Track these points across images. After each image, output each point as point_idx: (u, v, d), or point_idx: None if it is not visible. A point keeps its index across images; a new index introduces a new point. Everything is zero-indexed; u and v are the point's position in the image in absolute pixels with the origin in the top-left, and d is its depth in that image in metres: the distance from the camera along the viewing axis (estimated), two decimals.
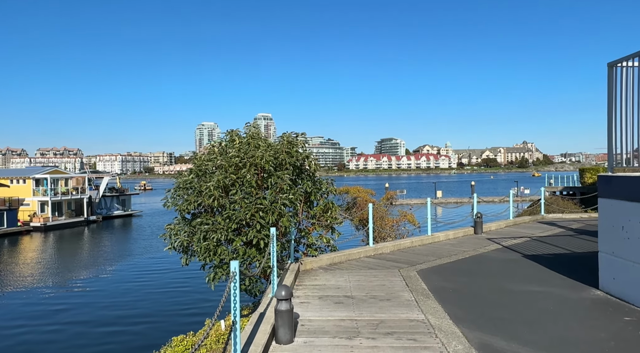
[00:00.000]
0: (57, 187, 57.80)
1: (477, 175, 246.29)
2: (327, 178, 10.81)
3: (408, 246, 12.39)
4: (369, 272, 9.47)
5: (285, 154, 9.11)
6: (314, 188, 10.16)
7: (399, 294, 7.75)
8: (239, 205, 8.05)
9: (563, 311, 6.63)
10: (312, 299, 7.55)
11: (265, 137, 9.67)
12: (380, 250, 11.61)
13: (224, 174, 8.46)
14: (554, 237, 13.61)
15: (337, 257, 10.56)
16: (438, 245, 12.75)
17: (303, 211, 10.60)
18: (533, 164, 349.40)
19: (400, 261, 10.59)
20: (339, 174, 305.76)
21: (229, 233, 8.16)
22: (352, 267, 10.09)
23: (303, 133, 9.92)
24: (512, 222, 16.78)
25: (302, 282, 8.68)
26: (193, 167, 9.28)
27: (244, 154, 8.63)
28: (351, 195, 17.24)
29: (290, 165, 9.15)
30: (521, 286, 8.11)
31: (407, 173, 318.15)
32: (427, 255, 11.21)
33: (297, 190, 8.65)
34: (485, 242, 12.97)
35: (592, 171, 46.54)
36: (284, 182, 8.44)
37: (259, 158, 8.49)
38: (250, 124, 9.59)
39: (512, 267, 9.76)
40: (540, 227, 15.94)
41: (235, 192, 8.23)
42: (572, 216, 18.85)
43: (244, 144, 9.09)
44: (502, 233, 14.80)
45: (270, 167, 8.58)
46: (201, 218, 8.62)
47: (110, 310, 19.82)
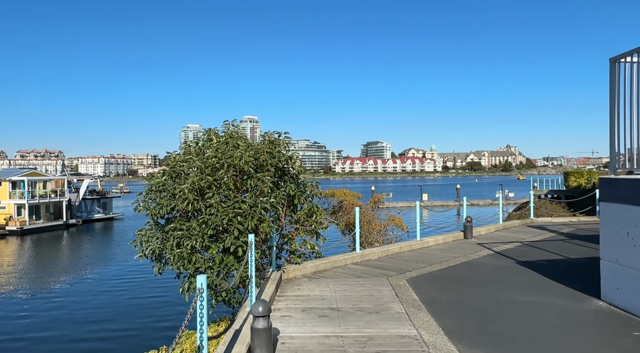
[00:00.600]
0: (35, 189, 56.03)
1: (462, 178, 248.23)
2: (311, 181, 10.20)
3: (396, 252, 11.84)
4: (356, 281, 8.88)
5: (267, 154, 8.48)
6: (298, 191, 9.55)
7: (388, 306, 7.16)
8: (216, 209, 7.40)
9: (566, 325, 6.12)
10: (295, 312, 6.92)
11: (245, 137, 9.02)
12: (367, 257, 11.03)
13: (200, 175, 7.80)
14: (546, 242, 13.21)
15: (322, 264, 9.95)
16: (428, 250, 12.22)
17: (286, 215, 9.97)
18: (516, 167, 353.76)
19: (389, 268, 10.02)
20: (325, 177, 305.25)
21: (205, 239, 7.50)
22: (338, 275, 9.50)
23: (286, 132, 9.30)
24: (501, 226, 16.38)
25: (284, 293, 8.04)
26: (166, 168, 8.60)
27: (221, 154, 7.97)
28: (337, 198, 16.63)
29: (272, 167, 8.53)
30: (519, 296, 7.59)
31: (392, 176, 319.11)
32: (416, 262, 10.67)
33: (279, 193, 8.02)
34: (476, 248, 12.49)
35: (576, 174, 46.77)
36: (264, 185, 7.81)
37: (237, 158, 7.84)
38: (229, 122, 8.95)
39: (507, 274, 9.27)
40: (531, 232, 15.56)
41: (211, 195, 7.57)
42: (561, 220, 18.55)
43: (222, 144, 8.44)
44: (493, 237, 14.36)
45: (249, 168, 7.94)
46: (175, 224, 7.93)
47: (80, 322, 18.79)
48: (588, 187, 41.64)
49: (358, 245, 11.02)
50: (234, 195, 7.61)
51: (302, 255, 10.26)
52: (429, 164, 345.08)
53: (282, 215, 9.82)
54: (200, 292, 3.81)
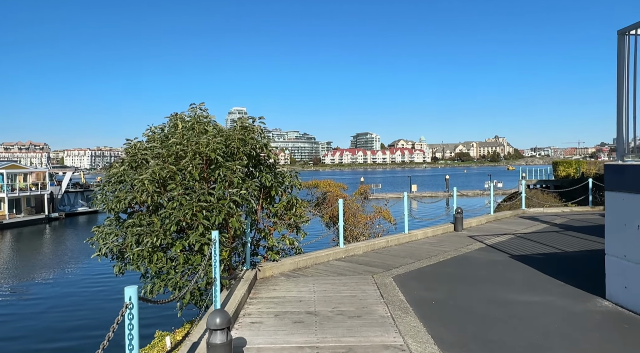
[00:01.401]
0: (15, 182, 54.40)
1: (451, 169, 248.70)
2: (291, 171, 9.40)
3: (383, 246, 11.11)
4: (338, 279, 8.13)
5: (239, 141, 7.65)
6: (275, 182, 8.74)
7: (372, 309, 6.42)
8: (178, 202, 6.58)
9: (570, 330, 5.43)
10: (267, 317, 6.15)
11: (215, 122, 8.16)
12: (351, 252, 10.29)
13: (162, 164, 6.95)
14: (540, 234, 12.59)
15: (302, 261, 9.19)
16: (416, 244, 11.52)
17: (262, 208, 9.17)
18: (504, 158, 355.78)
19: (375, 264, 9.29)
20: (314, 169, 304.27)
21: (167, 236, 6.69)
22: (319, 272, 8.74)
23: (261, 117, 8.46)
24: (493, 218, 15.75)
25: (258, 294, 7.26)
26: (126, 157, 7.72)
27: (186, 141, 7.13)
28: (321, 189, 15.81)
29: (244, 155, 7.70)
30: (515, 295, 6.90)
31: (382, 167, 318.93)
32: (404, 257, 9.96)
33: (252, 183, 7.21)
34: (467, 240, 11.82)
35: (565, 164, 46.59)
36: (234, 175, 6.99)
37: (203, 145, 7.00)
38: (197, 106, 8.06)
39: (501, 270, 8.59)
40: (523, 223, 14.95)
41: (174, 186, 6.74)
42: (553, 210, 18.00)
43: (187, 129, 7.59)
44: (484, 229, 13.72)
45: (218, 156, 7.11)
46: (134, 219, 7.09)
47: (44, 320, 17.81)
48: (577, 176, 41.45)
49: (342, 240, 10.27)
50: (199, 186, 6.78)
51: (282, 251, 9.49)
52: (418, 155, 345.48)
53: (259, 208, 9.02)
54: (128, 306, 3.00)
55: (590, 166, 45.16)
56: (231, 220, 6.69)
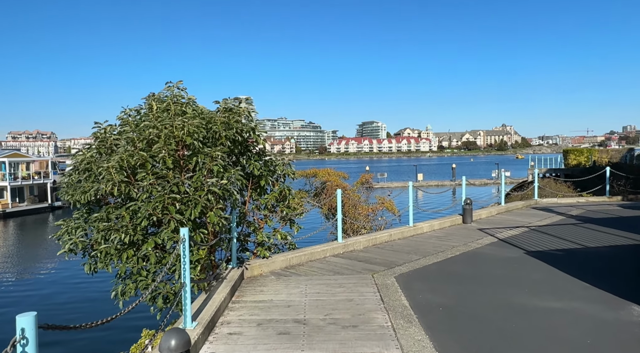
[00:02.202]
0: (18, 171, 54.05)
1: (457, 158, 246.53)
2: (283, 159, 8.53)
3: (386, 240, 10.26)
4: (334, 279, 7.29)
5: (222, 124, 6.77)
6: (265, 171, 7.88)
7: (370, 316, 5.58)
8: (149, 193, 5.75)
9: (605, 347, 4.56)
10: (248, 327, 5.33)
11: (195, 103, 7.26)
12: (351, 247, 9.44)
13: (131, 150, 6.12)
14: (556, 227, 11.67)
15: (295, 258, 8.35)
16: (422, 238, 10.65)
17: (252, 200, 8.33)
18: (512, 146, 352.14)
19: (376, 261, 8.45)
20: (320, 158, 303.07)
21: (137, 232, 5.88)
22: (314, 271, 7.91)
23: (248, 98, 7.56)
24: (504, 208, 14.83)
25: (242, 297, 6.45)
26: (94, 142, 6.87)
27: (160, 124, 6.27)
28: (319, 178, 14.89)
29: (227, 140, 6.84)
30: (535, 300, 6.03)
31: (388, 156, 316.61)
32: (408, 253, 9.10)
33: (235, 172, 6.35)
34: (477, 234, 10.93)
35: (575, 152, 45.27)
36: (214, 162, 6.13)
37: (178, 128, 6.14)
38: (174, 84, 7.15)
39: (516, 268, 7.71)
40: (536, 214, 14.02)
41: (145, 175, 5.90)
42: (568, 201, 17.03)
43: (162, 111, 6.72)
44: (495, 222, 12.81)
45: (195, 141, 6.25)
46: (101, 213, 6.27)
47: (57, 309, 17.17)
48: (588, 165, 40.26)
49: (340, 234, 9.42)
50: (172, 175, 5.93)
51: (274, 247, 8.66)
52: (424, 144, 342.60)
53: (247, 200, 8.17)
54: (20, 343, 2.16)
55: (602, 154, 43.80)
56: (209, 215, 5.84)
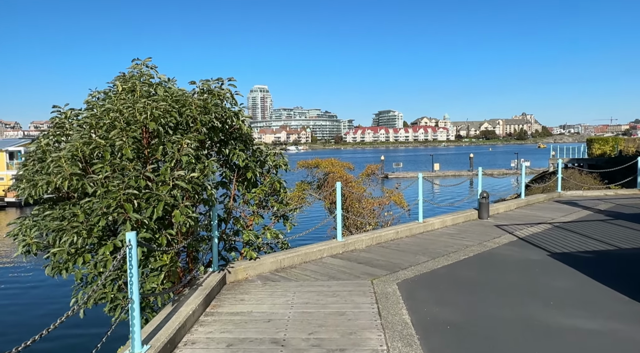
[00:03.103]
0: None
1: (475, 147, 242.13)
2: (272, 148, 7.61)
3: (391, 238, 9.29)
4: (327, 286, 6.38)
5: (196, 108, 5.88)
6: (252, 162, 6.96)
7: (362, 336, 4.66)
8: (105, 188, 4.91)
9: None
10: (215, 349, 4.46)
11: (168, 84, 6.33)
12: (351, 246, 8.51)
13: (87, 138, 5.27)
14: (582, 224, 10.53)
15: (287, 259, 7.46)
16: (432, 236, 9.65)
17: (236, 194, 7.44)
18: (532, 135, 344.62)
19: (378, 264, 7.50)
20: (336, 147, 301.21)
21: (93, 234, 5.06)
22: (306, 274, 7.01)
23: (230, 79, 6.62)
24: (523, 202, 13.68)
25: (218, 307, 5.59)
26: (51, 128, 6.04)
27: (123, 107, 5.40)
28: (322, 169, 13.89)
29: (204, 126, 5.94)
30: (562, 317, 5.03)
31: (404, 145, 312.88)
32: (415, 253, 8.12)
33: (209, 164, 5.46)
34: (493, 231, 9.89)
35: (600, 141, 43.26)
36: (182, 152, 5.24)
37: (139, 112, 5.26)
38: (142, 62, 6.23)
39: (539, 274, 6.69)
40: (560, 209, 12.86)
41: (101, 167, 5.06)
42: (594, 193, 15.76)
43: (127, 92, 5.84)
44: (514, 217, 11.71)
45: (161, 127, 5.36)
46: (55, 210, 5.47)
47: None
48: (614, 154, 38.43)
49: (340, 231, 8.48)
50: (132, 167, 5.06)
51: (266, 246, 7.79)
52: (441, 133, 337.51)
53: (232, 194, 7.29)
54: None
55: (628, 143, 41.80)
56: (174, 213, 4.97)
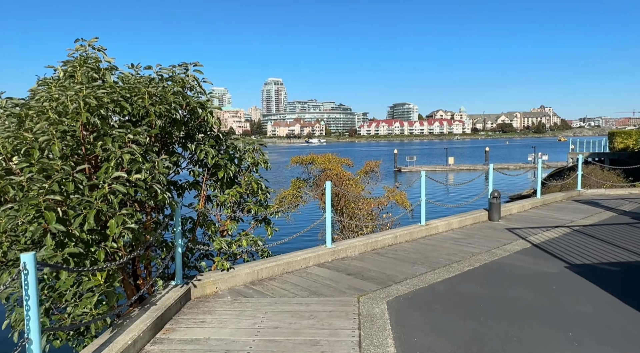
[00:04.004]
0: None
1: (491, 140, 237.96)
2: (251, 143, 6.72)
3: (389, 243, 8.35)
4: (306, 304, 5.48)
5: (149, 97, 5.01)
6: (223, 159, 6.09)
7: None
8: (25, 193, 4.09)
9: None
10: None
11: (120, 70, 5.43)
12: (342, 253, 7.59)
13: (13, 132, 4.46)
14: (606, 228, 9.44)
15: (266, 269, 6.58)
16: (435, 241, 8.68)
17: (211, 196, 6.58)
18: (550, 129, 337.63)
19: (369, 275, 6.58)
20: (349, 140, 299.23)
21: (15, 247, 4.25)
22: (285, 288, 6.12)
23: (196, 63, 5.71)
24: (539, 202, 12.58)
25: (171, 332, 4.74)
26: None
27: (57, 95, 4.57)
28: (317, 166, 12.85)
29: (159, 118, 5.08)
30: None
31: (419, 139, 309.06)
32: (413, 263, 7.18)
33: (159, 164, 4.60)
34: (504, 236, 8.87)
35: (623, 135, 41.37)
36: (125, 149, 4.38)
37: (71, 100, 4.41)
38: (87, 43, 5.32)
39: (556, 293, 5.69)
40: (580, 209, 11.74)
41: (26, 166, 4.24)
42: (617, 192, 14.54)
43: (65, 77, 5.00)
44: (528, 219, 10.65)
45: (98, 119, 4.51)
46: None
47: None
48: (637, 149, 36.70)
49: (329, 237, 7.57)
50: (60, 167, 4.23)
51: (246, 253, 6.93)
52: (457, 126, 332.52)
53: (202, 195, 6.43)
54: None
55: None
56: (110, 223, 4.12)
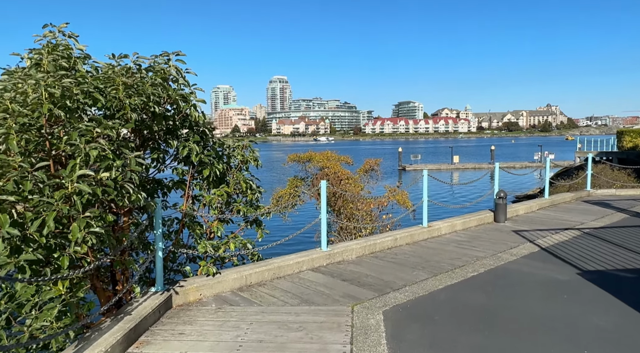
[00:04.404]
0: None
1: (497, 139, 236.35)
2: (240, 140, 6.30)
3: (388, 246, 7.90)
4: (295, 314, 5.05)
5: (125, 88, 4.60)
6: (208, 156, 5.67)
7: None
8: None
9: None
10: None
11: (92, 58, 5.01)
12: (339, 257, 7.16)
13: None
14: (618, 230, 8.96)
15: (255, 274, 6.15)
16: (437, 244, 8.22)
17: (197, 196, 6.17)
18: (557, 127, 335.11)
19: (366, 282, 6.14)
20: (354, 138, 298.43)
21: None
22: (275, 295, 5.70)
23: (178, 52, 5.28)
24: (547, 202, 12.09)
25: (146, 346, 4.32)
26: None
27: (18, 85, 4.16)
28: (315, 164, 12.35)
29: (134, 112, 4.66)
30: None
31: (424, 137, 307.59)
32: (414, 268, 6.73)
33: (132, 160, 4.18)
34: (511, 238, 8.41)
35: (632, 134, 40.58)
36: (93, 145, 3.98)
37: (31, 88, 4.00)
38: (56, 29, 4.85)
39: (567, 303, 5.24)
40: (590, 210, 11.24)
41: None
42: (628, 192, 14.02)
43: (30, 66, 4.61)
44: (536, 220, 10.18)
45: (63, 111, 4.10)
46: None
47: None
48: None
49: (324, 239, 7.14)
50: (16, 164, 3.83)
51: (236, 257, 6.51)
52: (463, 125, 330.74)
53: (186, 194, 6.02)
54: None
55: None
56: (72, 227, 3.72)
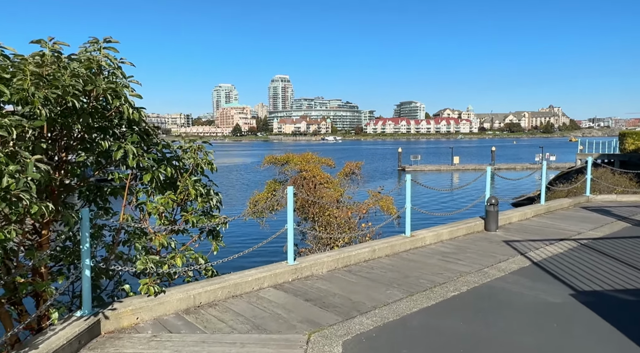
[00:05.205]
0: None
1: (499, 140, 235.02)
2: (190, 141, 5.60)
3: (365, 258, 7.18)
4: (240, 344, 4.34)
5: (35, 78, 3.90)
6: (146, 159, 4.96)
7: None
8: None
9: None
10: None
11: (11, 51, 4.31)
12: (307, 271, 6.44)
13: None
14: (618, 242, 8.22)
15: (206, 293, 5.43)
16: (419, 255, 7.49)
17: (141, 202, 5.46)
18: (559, 129, 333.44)
19: (331, 302, 5.42)
20: (355, 138, 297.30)
21: None
22: (224, 319, 4.98)
23: (109, 38, 4.57)
24: (543, 209, 11.35)
25: None
26: None
27: None
28: (293, 166, 11.48)
29: (44, 106, 3.94)
30: None
31: (426, 137, 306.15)
32: (389, 285, 6.01)
33: (30, 164, 3.49)
34: (500, 250, 7.68)
35: (634, 136, 39.73)
36: None
37: None
38: None
39: (559, 333, 4.51)
40: (588, 218, 10.51)
41: None
42: (630, 198, 13.27)
43: None
44: (529, 229, 9.44)
45: None
46: None
47: None
48: None
49: (291, 251, 6.41)
50: None
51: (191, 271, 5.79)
52: (464, 125, 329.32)
53: (123, 205, 5.31)
54: None
55: None
56: None
